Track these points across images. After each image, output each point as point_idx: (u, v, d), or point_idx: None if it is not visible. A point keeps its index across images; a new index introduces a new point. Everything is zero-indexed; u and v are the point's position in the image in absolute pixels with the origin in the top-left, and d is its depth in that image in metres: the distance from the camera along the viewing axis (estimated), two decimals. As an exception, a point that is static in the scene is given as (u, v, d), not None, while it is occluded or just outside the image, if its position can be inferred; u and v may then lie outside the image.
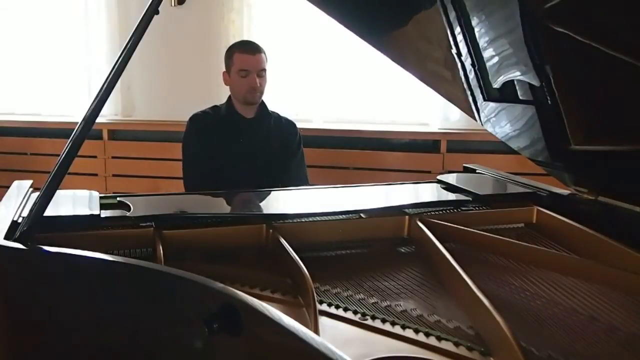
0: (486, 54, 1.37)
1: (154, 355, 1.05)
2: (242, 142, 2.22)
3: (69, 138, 1.22)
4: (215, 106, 2.30)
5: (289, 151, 2.30)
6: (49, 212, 1.19)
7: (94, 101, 1.22)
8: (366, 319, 1.04)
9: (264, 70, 2.19)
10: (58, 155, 1.21)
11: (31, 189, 1.57)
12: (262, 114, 2.27)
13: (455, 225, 1.41)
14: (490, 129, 1.63)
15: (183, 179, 2.27)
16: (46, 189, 1.18)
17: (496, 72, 1.40)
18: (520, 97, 1.39)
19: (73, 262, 1.08)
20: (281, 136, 2.30)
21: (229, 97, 2.28)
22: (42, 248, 1.12)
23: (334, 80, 3.57)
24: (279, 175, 2.21)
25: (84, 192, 1.52)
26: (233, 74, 2.20)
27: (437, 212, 1.52)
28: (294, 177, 2.25)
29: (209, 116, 2.27)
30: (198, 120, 2.26)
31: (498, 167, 1.96)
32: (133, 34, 1.25)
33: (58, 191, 1.19)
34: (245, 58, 2.18)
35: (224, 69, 2.25)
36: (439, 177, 1.84)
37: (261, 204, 1.73)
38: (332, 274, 1.23)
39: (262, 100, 2.27)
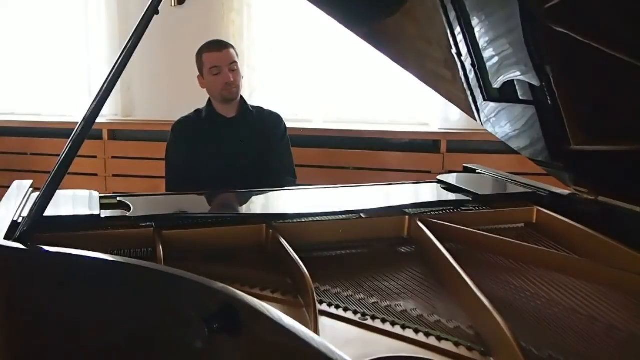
0: (486, 54, 1.37)
1: (154, 355, 1.05)
2: (226, 142, 2.21)
3: (69, 138, 1.22)
4: (198, 110, 2.30)
5: (272, 142, 2.29)
6: (49, 212, 1.19)
7: (94, 101, 1.22)
8: (366, 319, 1.04)
9: (235, 63, 2.19)
10: (58, 155, 1.21)
11: (31, 189, 1.57)
12: (243, 112, 2.26)
13: (455, 225, 1.41)
14: (490, 129, 1.63)
15: (165, 183, 2.27)
16: (46, 189, 1.18)
17: (496, 72, 1.39)
18: (520, 97, 1.39)
19: (73, 262, 1.08)
20: (265, 130, 2.28)
21: (209, 100, 2.27)
22: (42, 248, 1.12)
23: (334, 80, 3.57)
24: (265, 170, 2.20)
25: (84, 192, 1.52)
26: (206, 75, 2.20)
27: (437, 212, 1.52)
28: (278, 166, 2.24)
29: (190, 120, 2.27)
30: (179, 127, 2.27)
31: (498, 167, 1.96)
32: (133, 34, 1.25)
33: (58, 191, 1.19)
34: (213, 55, 2.18)
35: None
36: (439, 177, 1.84)
37: (261, 204, 1.73)
38: (332, 274, 1.23)
39: (242, 97, 2.26)
